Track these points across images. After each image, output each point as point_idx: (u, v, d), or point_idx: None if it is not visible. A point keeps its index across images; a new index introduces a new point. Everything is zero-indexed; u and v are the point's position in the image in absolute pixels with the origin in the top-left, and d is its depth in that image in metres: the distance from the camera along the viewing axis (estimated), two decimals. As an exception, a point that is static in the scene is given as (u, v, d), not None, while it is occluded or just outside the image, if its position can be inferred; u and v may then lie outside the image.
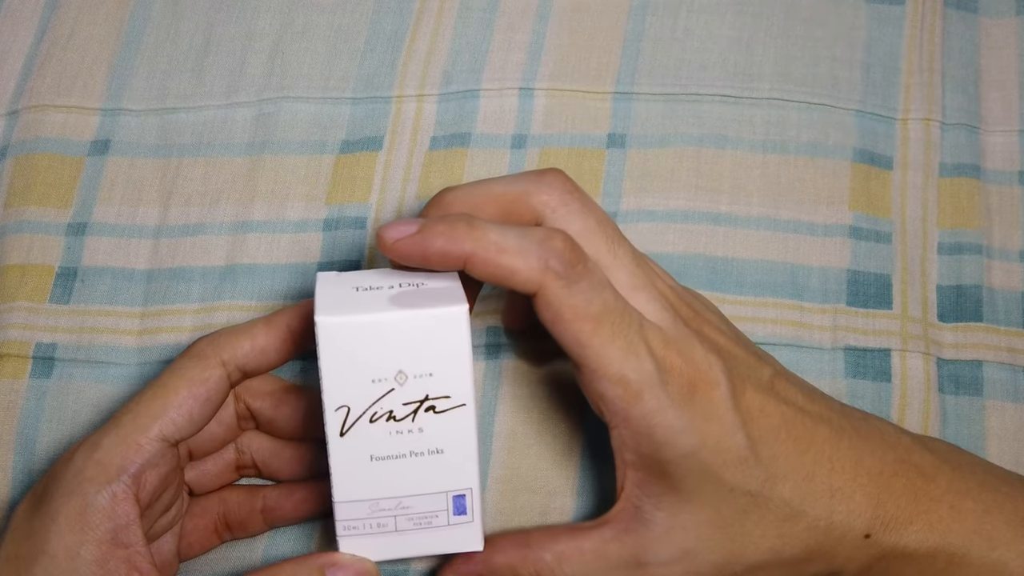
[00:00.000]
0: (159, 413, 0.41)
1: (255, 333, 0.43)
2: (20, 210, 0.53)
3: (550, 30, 0.55)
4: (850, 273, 0.50)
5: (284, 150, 0.54)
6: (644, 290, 0.41)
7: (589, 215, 0.41)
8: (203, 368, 0.42)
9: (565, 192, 0.41)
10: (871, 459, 0.42)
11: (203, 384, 0.42)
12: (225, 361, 0.42)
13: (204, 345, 0.43)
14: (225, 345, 0.42)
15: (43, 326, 0.51)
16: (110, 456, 0.40)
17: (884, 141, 0.53)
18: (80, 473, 0.40)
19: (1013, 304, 0.50)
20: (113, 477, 0.40)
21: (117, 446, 0.40)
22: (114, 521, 0.40)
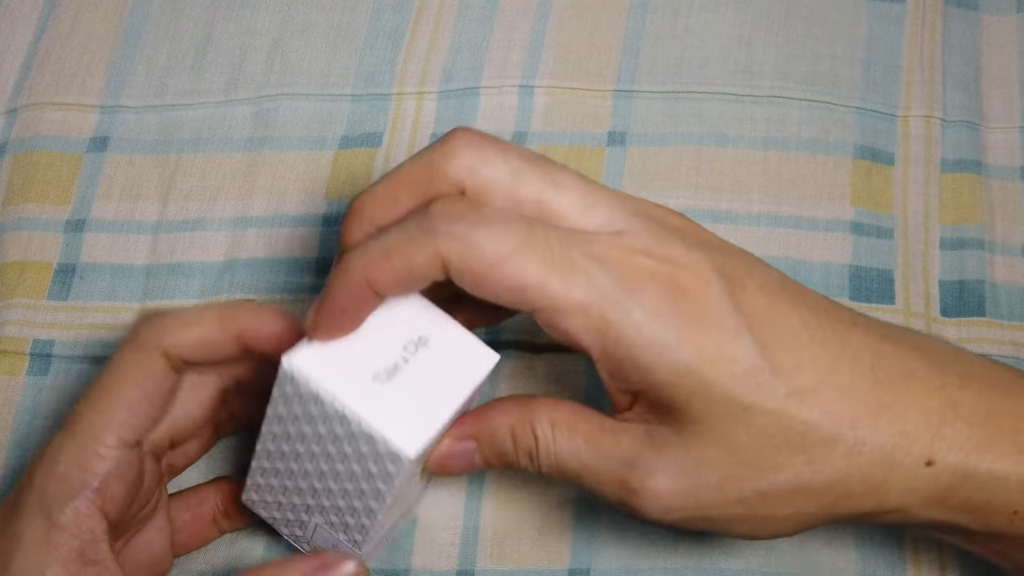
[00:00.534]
0: (112, 418, 0.39)
1: (204, 324, 0.40)
2: (19, 207, 0.53)
3: (550, 28, 0.55)
4: (852, 268, 0.50)
5: (283, 146, 0.53)
6: (601, 204, 0.36)
7: (511, 156, 0.36)
8: (146, 361, 0.40)
9: (474, 147, 0.36)
10: (927, 370, 0.36)
11: (148, 379, 0.40)
12: (167, 351, 0.40)
13: (145, 331, 0.40)
14: (168, 332, 0.40)
15: (41, 323, 0.51)
16: (70, 470, 0.39)
17: (885, 138, 0.53)
18: (43, 491, 0.39)
19: (1016, 298, 0.50)
20: (76, 492, 0.39)
21: (76, 458, 0.39)
22: (79, 538, 0.39)
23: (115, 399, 0.39)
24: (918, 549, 0.46)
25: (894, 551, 0.46)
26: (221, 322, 0.40)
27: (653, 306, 0.35)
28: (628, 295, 0.35)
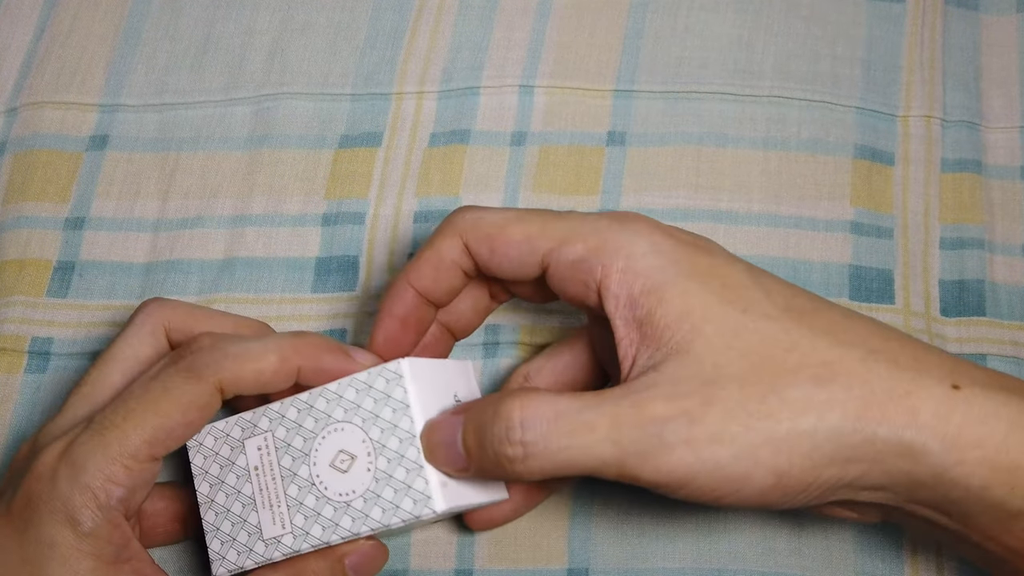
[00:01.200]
0: (150, 436, 0.40)
1: (263, 364, 0.41)
2: (18, 206, 0.53)
3: (550, 27, 0.55)
4: (852, 268, 0.50)
5: (283, 144, 0.53)
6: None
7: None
8: (199, 393, 0.40)
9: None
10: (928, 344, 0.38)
11: (195, 409, 0.40)
12: (223, 387, 0.40)
13: (203, 361, 0.40)
14: (225, 368, 0.40)
15: (40, 320, 0.51)
16: (98, 480, 0.39)
17: (885, 138, 0.53)
18: (68, 500, 0.39)
19: (1016, 298, 0.50)
20: (105, 503, 0.39)
21: (105, 468, 0.39)
22: (114, 543, 0.40)
23: (156, 419, 0.40)
24: (916, 551, 0.46)
25: (892, 552, 0.46)
26: (281, 359, 0.41)
27: (648, 229, 0.39)
28: (622, 222, 0.39)
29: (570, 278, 0.39)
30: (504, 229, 0.40)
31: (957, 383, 0.36)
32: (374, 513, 0.40)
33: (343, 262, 0.51)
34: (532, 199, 0.52)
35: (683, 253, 0.38)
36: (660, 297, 0.37)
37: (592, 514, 0.47)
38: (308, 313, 0.50)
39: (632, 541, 0.46)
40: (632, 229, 0.39)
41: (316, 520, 0.41)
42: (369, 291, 0.51)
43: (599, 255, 0.39)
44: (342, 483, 0.41)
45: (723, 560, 0.46)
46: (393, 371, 0.40)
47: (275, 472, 0.42)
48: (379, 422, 0.40)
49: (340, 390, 0.41)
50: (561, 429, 0.36)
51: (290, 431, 0.42)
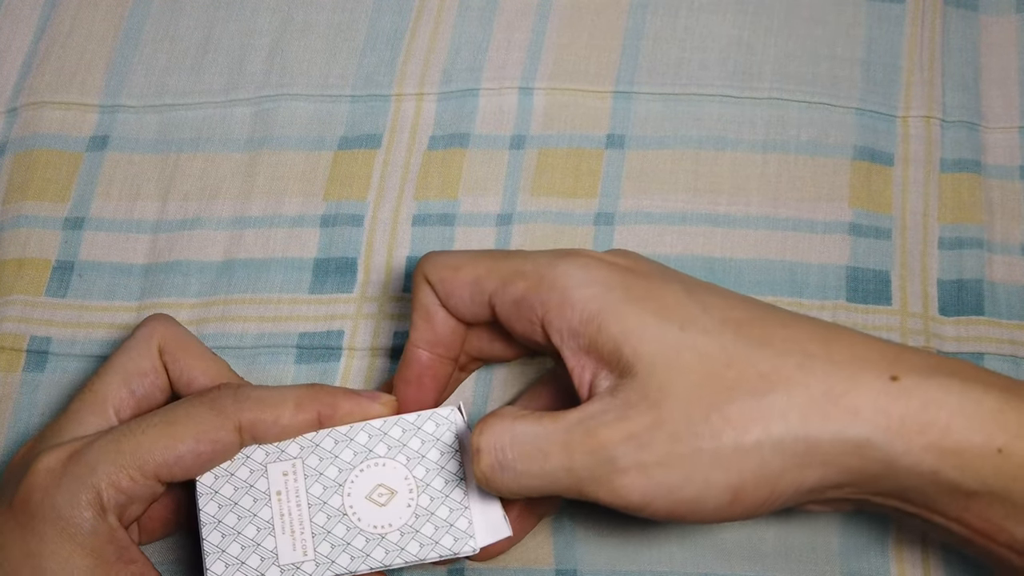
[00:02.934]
0: (159, 456, 0.40)
1: (282, 412, 0.42)
2: (18, 205, 0.53)
3: (550, 29, 0.55)
4: (849, 270, 0.50)
5: (282, 145, 0.53)
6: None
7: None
8: (218, 427, 0.41)
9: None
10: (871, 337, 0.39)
11: (212, 444, 0.41)
12: (242, 427, 0.41)
13: (227, 400, 0.42)
14: (248, 409, 0.41)
15: (39, 319, 0.51)
16: (104, 483, 0.40)
17: (885, 138, 0.52)
18: (73, 497, 0.40)
19: (1015, 297, 0.49)
20: (109, 508, 0.40)
21: (113, 474, 0.40)
22: (116, 544, 0.40)
23: (170, 440, 0.41)
24: (902, 550, 0.45)
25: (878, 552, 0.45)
26: (297, 405, 0.42)
27: (583, 261, 0.40)
28: (560, 257, 0.40)
29: (515, 317, 0.41)
30: (456, 271, 0.42)
31: (896, 374, 0.37)
32: (411, 547, 0.41)
33: (341, 263, 0.51)
34: (531, 203, 0.52)
35: (617, 279, 0.39)
36: (598, 325, 0.38)
37: (577, 515, 0.47)
38: (306, 314, 0.50)
39: (619, 543, 0.46)
40: (568, 262, 0.40)
41: (345, 549, 0.41)
42: (367, 293, 0.51)
43: (537, 292, 0.40)
44: (378, 516, 0.41)
45: (710, 562, 0.46)
46: (445, 416, 0.43)
47: (301, 499, 0.42)
48: (425, 462, 0.42)
49: (385, 428, 0.43)
50: (516, 456, 0.38)
51: (324, 460, 0.42)
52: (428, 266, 0.43)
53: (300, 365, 0.49)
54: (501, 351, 0.45)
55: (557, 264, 0.40)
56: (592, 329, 0.38)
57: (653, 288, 0.39)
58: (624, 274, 0.39)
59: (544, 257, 0.41)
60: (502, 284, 0.41)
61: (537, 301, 0.40)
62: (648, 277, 0.40)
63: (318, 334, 0.50)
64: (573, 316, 0.39)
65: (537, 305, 0.40)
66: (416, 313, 0.43)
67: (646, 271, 0.40)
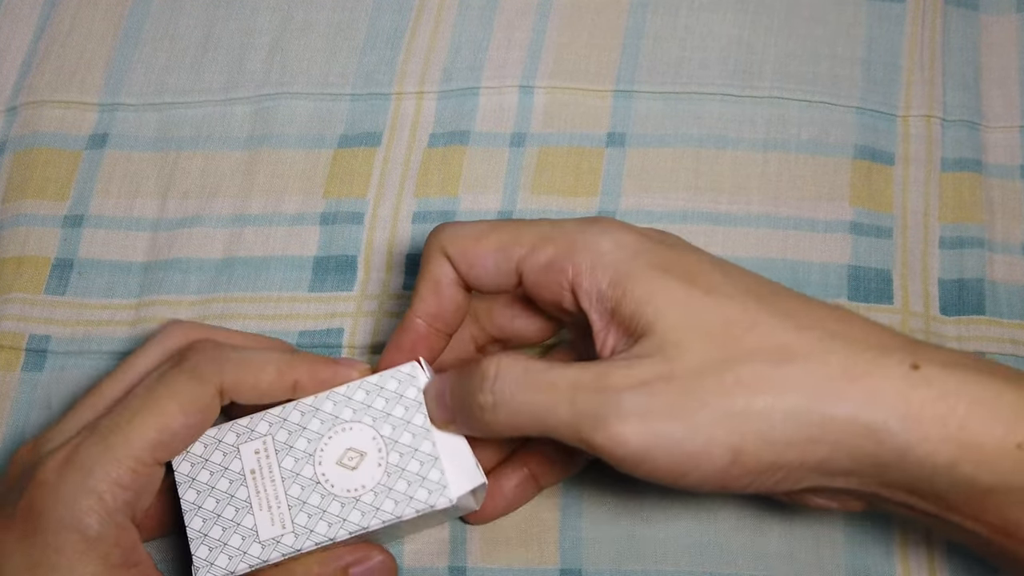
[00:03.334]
0: (153, 438, 0.40)
1: (262, 373, 0.42)
2: (17, 203, 0.53)
3: (550, 27, 0.55)
4: (851, 268, 0.50)
5: (282, 143, 0.53)
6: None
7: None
8: (200, 394, 0.41)
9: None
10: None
11: (198, 411, 0.41)
12: (224, 389, 0.41)
13: (206, 365, 0.41)
14: (227, 372, 0.41)
15: (38, 318, 0.51)
16: (104, 484, 0.39)
17: (885, 138, 0.52)
18: (74, 504, 0.39)
19: (1016, 297, 0.49)
20: (112, 507, 0.39)
21: (112, 472, 0.39)
22: (121, 547, 0.40)
23: (160, 421, 0.40)
24: (907, 552, 0.45)
25: (883, 553, 0.45)
26: (279, 371, 0.42)
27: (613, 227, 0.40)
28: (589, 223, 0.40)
29: (544, 281, 0.41)
30: (479, 240, 0.41)
31: (916, 363, 0.36)
32: (386, 505, 0.41)
33: (341, 261, 0.51)
34: (531, 201, 0.52)
35: (646, 246, 0.39)
36: (625, 288, 0.38)
37: (583, 515, 0.46)
38: (306, 312, 0.50)
39: (624, 543, 0.46)
40: (598, 229, 0.40)
41: (322, 517, 0.41)
42: (367, 291, 0.51)
43: (569, 256, 0.40)
44: (350, 480, 0.41)
45: (714, 562, 0.46)
46: (407, 372, 0.42)
47: (274, 474, 0.42)
48: (391, 420, 0.42)
49: (349, 392, 0.42)
50: (527, 383, 0.38)
51: (292, 434, 0.42)
52: (446, 237, 0.42)
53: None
54: (523, 329, 0.45)
55: (587, 228, 0.40)
56: (619, 292, 0.39)
57: (681, 256, 0.39)
58: (652, 242, 0.40)
59: (572, 223, 0.41)
60: (531, 249, 0.41)
61: (569, 264, 0.40)
62: (675, 247, 0.40)
63: (318, 332, 0.50)
64: (603, 279, 0.39)
65: (569, 267, 0.40)
66: (424, 284, 0.43)
67: (673, 242, 0.41)
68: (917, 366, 0.36)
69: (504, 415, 0.38)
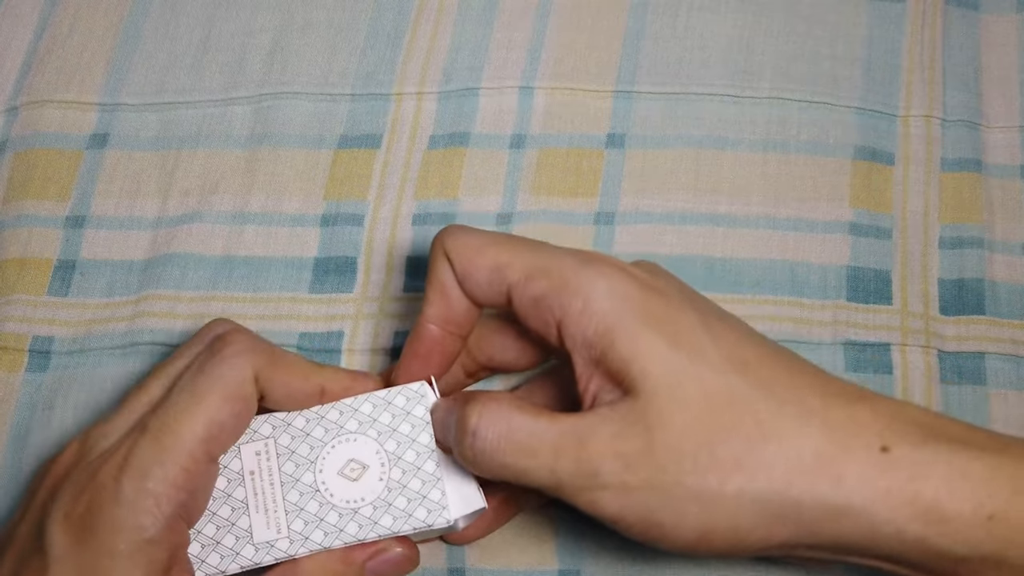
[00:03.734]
0: (203, 434, 0.40)
1: (292, 374, 0.42)
2: (18, 204, 0.53)
3: (550, 28, 0.55)
4: (850, 269, 0.50)
5: (282, 142, 0.53)
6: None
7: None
8: (240, 382, 0.41)
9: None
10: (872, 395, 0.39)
11: (241, 400, 0.41)
12: (259, 376, 0.41)
13: (241, 352, 0.41)
14: (261, 362, 0.42)
15: (41, 319, 0.51)
16: (162, 487, 0.39)
17: (885, 138, 0.52)
18: (133, 505, 0.39)
19: (1016, 297, 0.49)
20: (168, 508, 0.39)
21: (169, 473, 0.39)
22: (171, 550, 0.40)
23: (207, 414, 0.40)
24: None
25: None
26: (308, 371, 0.43)
27: (609, 271, 0.39)
28: (586, 262, 0.40)
29: (532, 314, 0.40)
30: (478, 253, 0.41)
31: (887, 444, 0.37)
32: (384, 520, 0.41)
33: (341, 263, 0.51)
34: (531, 202, 0.52)
35: (638, 296, 0.39)
36: (612, 340, 0.38)
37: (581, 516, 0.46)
38: (305, 313, 0.50)
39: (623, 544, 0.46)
40: (594, 270, 0.40)
41: (318, 525, 0.41)
42: (367, 293, 0.51)
43: (558, 295, 0.39)
44: (350, 491, 0.41)
45: (713, 564, 0.45)
46: (415, 391, 0.43)
47: (274, 478, 0.42)
48: (396, 436, 0.42)
49: (356, 404, 0.43)
50: (507, 445, 0.38)
51: (296, 439, 0.42)
52: (449, 241, 0.42)
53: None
54: (514, 359, 0.45)
55: (582, 270, 0.40)
56: (605, 343, 0.38)
57: (671, 311, 0.39)
58: (645, 291, 0.39)
59: (570, 257, 0.40)
60: (524, 278, 0.40)
61: (557, 304, 0.39)
62: (667, 296, 0.40)
63: (318, 335, 0.50)
64: (589, 326, 0.39)
65: (556, 308, 0.39)
66: (431, 288, 0.42)
67: (665, 289, 0.40)
68: (887, 448, 0.37)
69: (486, 468, 0.39)
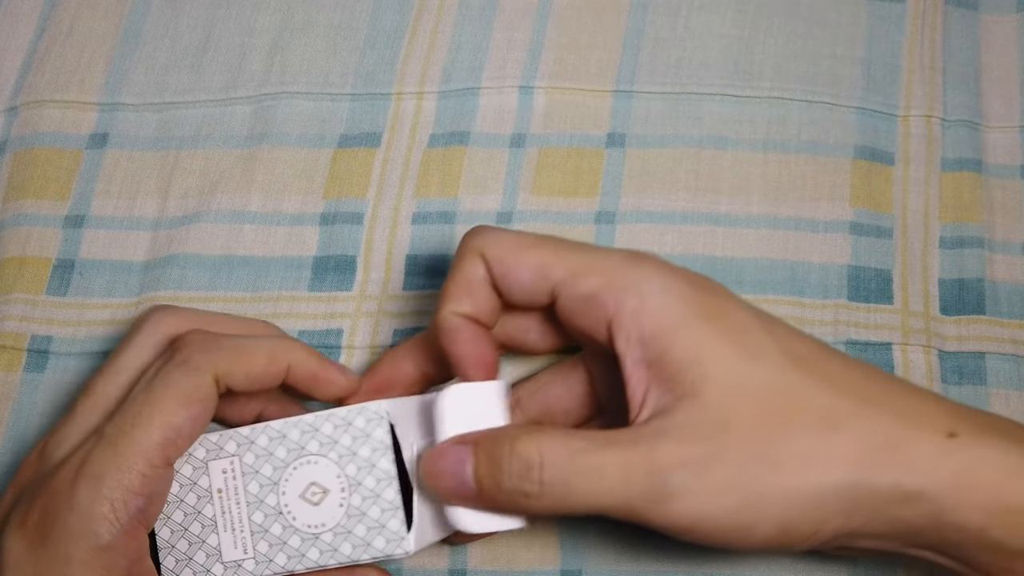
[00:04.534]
0: (160, 438, 0.40)
1: (254, 360, 0.41)
2: (18, 203, 0.53)
3: (550, 28, 0.55)
4: (851, 269, 0.50)
5: (282, 141, 0.53)
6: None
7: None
8: (199, 384, 0.40)
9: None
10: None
11: (198, 402, 0.40)
12: (219, 377, 0.41)
13: (198, 355, 0.41)
14: (220, 360, 0.41)
15: (40, 318, 0.51)
16: (118, 492, 0.39)
17: (885, 138, 0.52)
18: (88, 511, 0.39)
19: (1016, 297, 0.49)
20: (124, 514, 0.39)
21: (124, 479, 0.39)
22: (128, 557, 0.39)
23: (163, 418, 0.40)
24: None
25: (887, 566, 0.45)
26: (271, 356, 0.42)
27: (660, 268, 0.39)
28: (635, 260, 0.39)
29: (580, 312, 0.39)
30: (519, 252, 0.40)
31: (954, 431, 0.37)
32: (343, 548, 0.40)
33: (340, 261, 0.51)
34: (531, 202, 0.52)
35: (693, 294, 0.38)
36: (671, 339, 0.37)
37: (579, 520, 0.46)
38: (305, 311, 0.50)
39: (624, 544, 0.46)
40: (645, 268, 0.39)
41: (281, 549, 0.41)
42: (366, 291, 0.51)
43: (612, 292, 0.38)
44: (312, 515, 0.41)
45: (715, 562, 0.45)
46: (374, 411, 0.41)
47: (240, 497, 0.41)
48: (356, 460, 0.41)
49: (316, 423, 0.41)
50: (575, 471, 0.37)
51: (259, 458, 0.41)
52: (486, 241, 0.41)
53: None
54: (534, 343, 0.44)
55: (633, 266, 0.39)
56: (664, 342, 0.37)
57: (726, 308, 0.38)
58: (698, 288, 0.39)
59: (617, 255, 0.39)
60: (572, 275, 0.39)
61: (611, 300, 0.38)
62: (718, 294, 0.39)
63: (317, 332, 0.50)
64: (646, 324, 0.38)
65: (610, 304, 0.38)
66: (454, 284, 0.41)
67: (715, 289, 0.39)
68: (954, 434, 0.37)
69: (550, 503, 0.37)
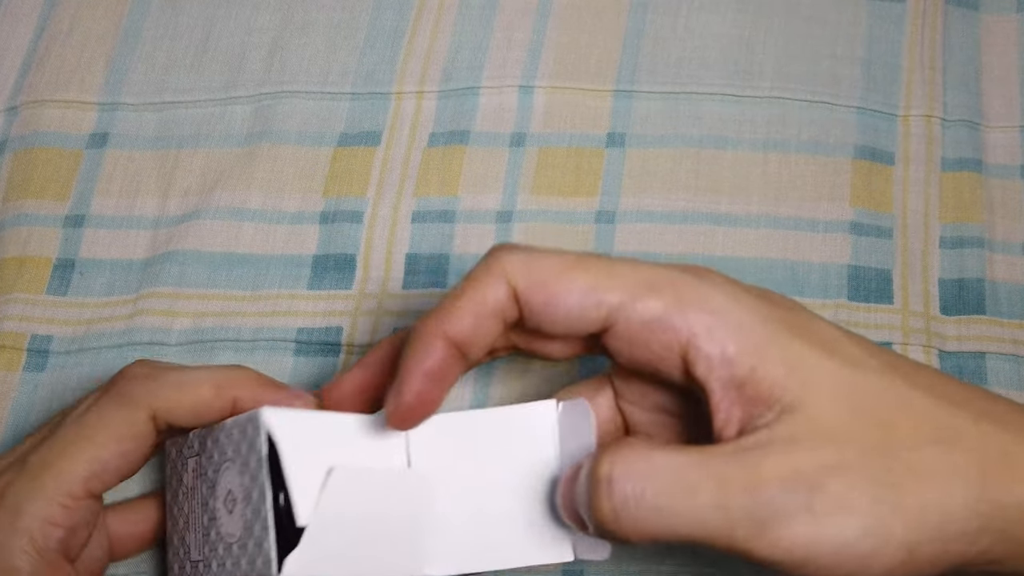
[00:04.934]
0: (85, 470, 0.38)
1: (200, 390, 0.39)
2: (18, 203, 0.53)
3: (550, 28, 0.55)
4: (851, 268, 0.50)
5: (282, 140, 0.53)
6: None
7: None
8: (132, 422, 0.39)
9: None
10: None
11: (130, 439, 0.39)
12: (156, 414, 0.39)
13: (136, 389, 0.39)
14: (159, 396, 0.39)
15: (40, 318, 0.51)
16: (36, 524, 0.38)
17: (885, 137, 0.52)
18: (6, 545, 0.38)
19: (1016, 297, 0.49)
20: (44, 547, 0.38)
21: (42, 511, 0.38)
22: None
23: (90, 452, 0.39)
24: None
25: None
26: (216, 388, 0.39)
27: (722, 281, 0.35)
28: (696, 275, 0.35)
29: (644, 339, 0.34)
30: (563, 275, 0.35)
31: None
32: (242, 562, 0.37)
33: (340, 260, 0.51)
34: (531, 201, 0.52)
35: (769, 308, 0.35)
36: (762, 355, 0.33)
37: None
38: (304, 310, 0.50)
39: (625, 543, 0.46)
40: (707, 282, 0.35)
41: (214, 556, 0.39)
42: (365, 290, 0.51)
43: (681, 313, 0.34)
44: (228, 524, 0.38)
45: (715, 563, 0.45)
46: (262, 420, 0.36)
47: (198, 497, 0.40)
48: (249, 470, 0.37)
49: (233, 426, 0.38)
50: (658, 487, 0.32)
51: (208, 459, 0.39)
52: (516, 263, 0.35)
53: (299, 358, 0.49)
54: (556, 350, 0.38)
55: (694, 281, 0.34)
56: (752, 359, 0.33)
57: (804, 319, 0.35)
58: (767, 302, 0.35)
59: (674, 271, 0.35)
60: (630, 298, 0.34)
61: (682, 323, 0.34)
62: (788, 307, 0.35)
63: (316, 330, 0.50)
64: (728, 343, 0.34)
65: (682, 327, 0.34)
66: (465, 305, 0.35)
67: (787, 301, 0.36)
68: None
69: (631, 524, 0.32)
